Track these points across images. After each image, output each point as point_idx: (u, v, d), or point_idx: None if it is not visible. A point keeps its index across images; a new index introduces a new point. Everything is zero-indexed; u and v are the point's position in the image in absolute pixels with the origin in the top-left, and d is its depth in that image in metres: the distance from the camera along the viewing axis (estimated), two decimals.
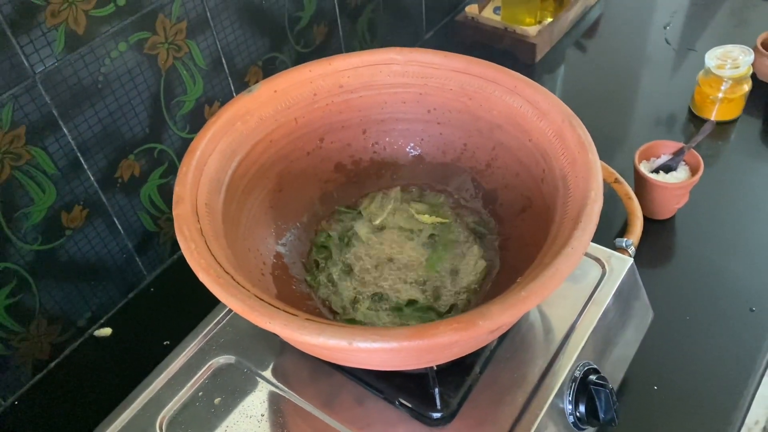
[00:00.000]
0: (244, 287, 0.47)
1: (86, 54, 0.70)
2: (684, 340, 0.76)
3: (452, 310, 0.61)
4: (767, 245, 0.85)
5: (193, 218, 0.52)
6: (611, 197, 0.86)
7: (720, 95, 0.99)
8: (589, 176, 0.52)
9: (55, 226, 0.75)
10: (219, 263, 0.49)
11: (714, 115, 1.02)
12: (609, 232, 0.83)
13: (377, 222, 0.68)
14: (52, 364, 0.81)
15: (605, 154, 0.95)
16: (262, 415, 0.59)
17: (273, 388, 0.61)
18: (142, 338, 0.83)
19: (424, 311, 0.61)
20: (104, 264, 0.82)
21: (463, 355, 0.53)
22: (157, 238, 0.88)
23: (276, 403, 0.60)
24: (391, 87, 0.67)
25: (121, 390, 0.63)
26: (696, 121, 1.04)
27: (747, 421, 1.41)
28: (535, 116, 0.59)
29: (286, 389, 0.61)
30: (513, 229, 0.63)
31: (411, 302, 0.61)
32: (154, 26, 0.76)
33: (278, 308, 0.45)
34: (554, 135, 0.57)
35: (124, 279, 0.86)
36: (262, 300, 0.46)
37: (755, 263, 0.83)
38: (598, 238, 0.69)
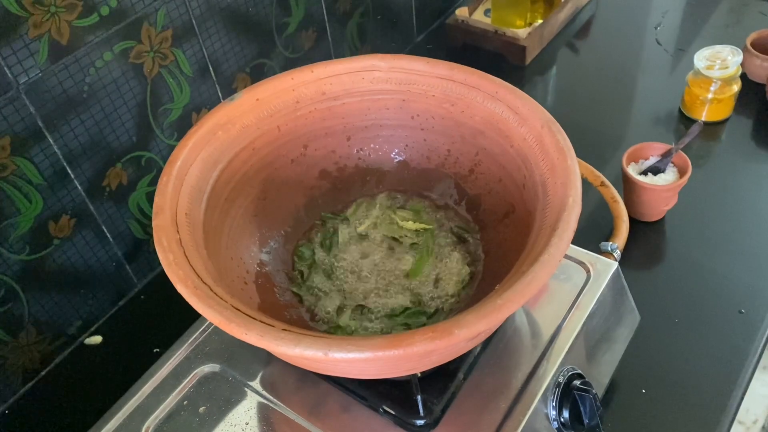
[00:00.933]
0: (222, 298, 0.47)
1: (71, 64, 0.70)
2: (673, 343, 0.76)
3: (436, 315, 0.61)
4: (757, 246, 0.85)
5: (172, 229, 0.52)
6: (600, 200, 0.86)
7: (709, 96, 0.99)
8: (568, 182, 0.52)
9: (42, 236, 0.75)
10: (197, 274, 0.49)
11: (704, 115, 1.01)
12: (597, 235, 0.83)
13: (362, 229, 0.68)
14: (43, 373, 0.81)
15: (595, 156, 0.95)
16: (247, 424, 0.59)
17: (258, 397, 0.61)
18: (132, 346, 0.83)
19: (414, 316, 0.61)
20: (94, 272, 0.82)
21: (444, 362, 0.53)
22: (147, 246, 0.88)
23: (261, 412, 0.60)
24: (373, 93, 0.67)
25: (111, 398, 0.63)
26: (686, 122, 1.04)
27: (745, 419, 1.41)
28: (515, 122, 0.59)
29: (271, 398, 0.61)
30: (496, 235, 0.63)
31: (403, 310, 0.61)
32: (139, 35, 0.76)
33: (255, 319, 0.45)
34: (534, 141, 0.57)
35: (114, 287, 0.86)
36: (239, 311, 0.46)
37: (744, 265, 0.83)
38: (585, 242, 0.69)
